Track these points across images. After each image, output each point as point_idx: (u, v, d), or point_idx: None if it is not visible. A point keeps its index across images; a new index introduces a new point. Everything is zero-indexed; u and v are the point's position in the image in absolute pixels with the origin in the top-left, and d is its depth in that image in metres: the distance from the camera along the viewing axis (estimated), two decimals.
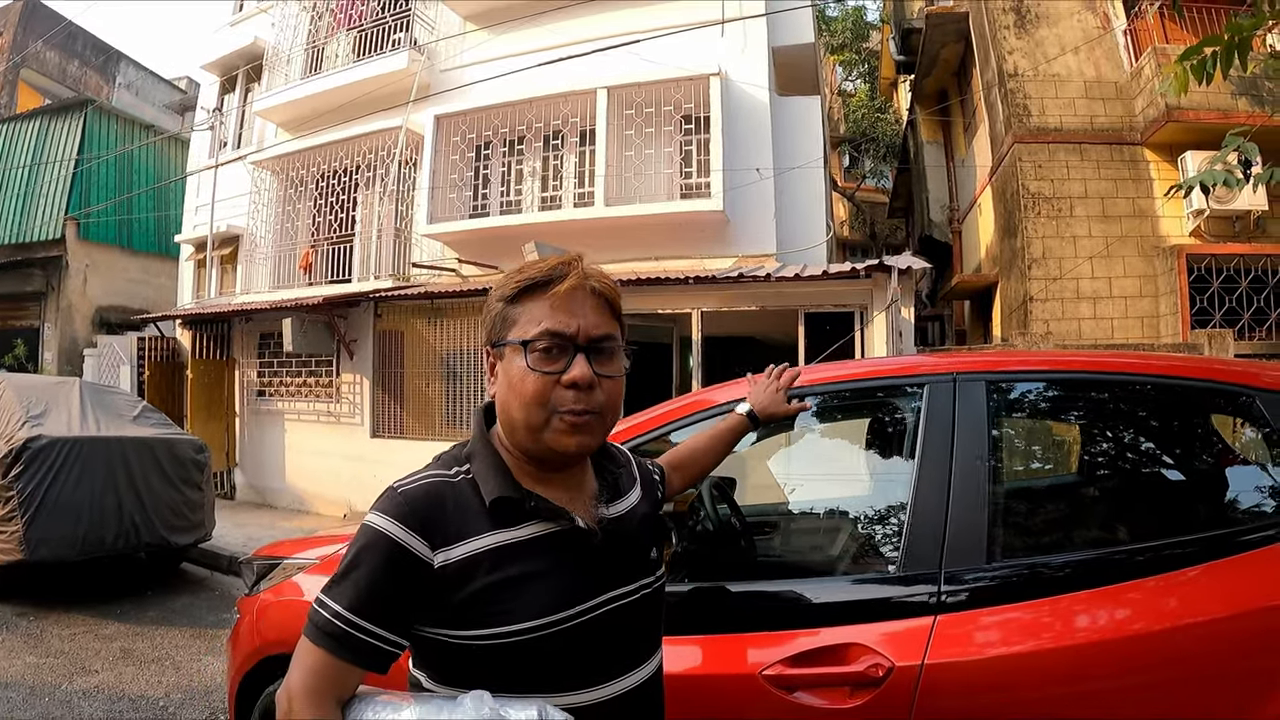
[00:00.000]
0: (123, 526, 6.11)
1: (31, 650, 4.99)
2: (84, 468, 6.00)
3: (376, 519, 1.05)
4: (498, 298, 1.16)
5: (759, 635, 1.81)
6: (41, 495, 5.73)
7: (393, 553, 1.02)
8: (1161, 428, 2.17)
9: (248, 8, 13.54)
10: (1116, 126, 9.44)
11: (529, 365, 1.09)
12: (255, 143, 12.43)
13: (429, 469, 1.14)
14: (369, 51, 10.92)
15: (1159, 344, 8.37)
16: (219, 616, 5.92)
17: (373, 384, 9.73)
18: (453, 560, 1.04)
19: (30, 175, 15.61)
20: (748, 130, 8.81)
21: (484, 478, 1.11)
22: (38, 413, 6.32)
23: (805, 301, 7.70)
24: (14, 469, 5.71)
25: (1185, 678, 1.58)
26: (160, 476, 6.48)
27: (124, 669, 4.76)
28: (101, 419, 6.64)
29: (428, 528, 1.04)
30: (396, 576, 1.02)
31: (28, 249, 15.37)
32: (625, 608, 1.16)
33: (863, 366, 2.64)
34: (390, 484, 1.11)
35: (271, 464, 10.74)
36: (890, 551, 1.95)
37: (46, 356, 15.20)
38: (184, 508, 6.62)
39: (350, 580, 1.03)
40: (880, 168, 20.42)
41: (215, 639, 5.38)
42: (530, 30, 9.71)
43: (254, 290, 11.52)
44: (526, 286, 1.13)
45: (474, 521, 1.07)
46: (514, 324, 1.12)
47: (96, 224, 15.27)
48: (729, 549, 2.24)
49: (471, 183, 10.06)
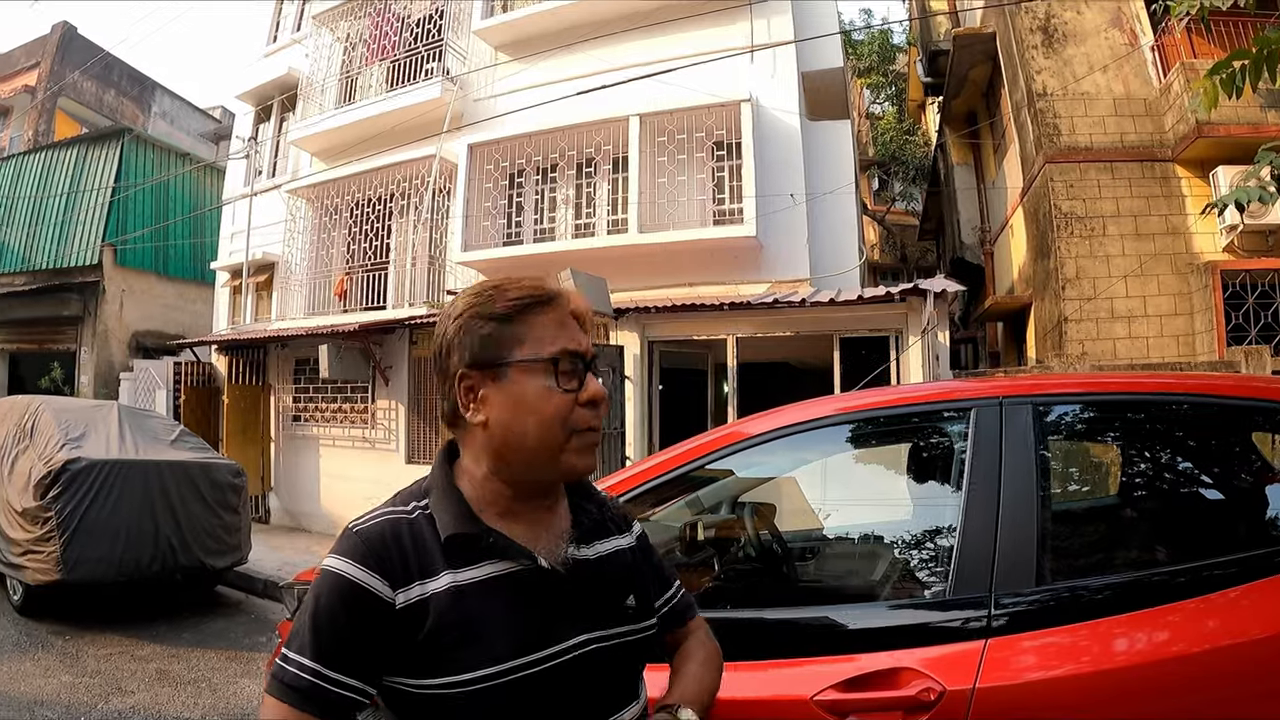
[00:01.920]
0: (159, 549, 6.18)
1: (67, 670, 5.03)
2: (122, 490, 6.07)
3: (334, 561, 0.99)
4: (483, 315, 1.07)
5: (808, 660, 1.80)
6: (79, 517, 5.81)
7: (353, 594, 0.97)
8: (1203, 447, 2.16)
9: (282, 39, 13.83)
10: (1147, 143, 9.35)
11: (556, 384, 1.05)
12: (290, 171, 12.64)
13: (385, 506, 1.08)
14: (402, 82, 11.08)
15: (1195, 362, 8.27)
16: (255, 639, 5.97)
17: (408, 410, 9.82)
18: (411, 600, 0.98)
19: (68, 202, 15.90)
20: (779, 155, 8.84)
21: (440, 513, 1.05)
22: (76, 435, 6.43)
23: (840, 327, 7.70)
24: (52, 490, 5.81)
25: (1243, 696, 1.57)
26: (197, 500, 6.55)
27: (160, 690, 4.79)
28: (140, 442, 6.73)
29: (386, 567, 0.99)
30: (359, 620, 0.97)
31: (65, 274, 15.62)
32: (595, 654, 1.08)
33: (906, 392, 2.65)
34: (347, 524, 1.06)
35: (306, 489, 10.84)
36: (938, 576, 1.95)
37: (83, 380, 15.42)
38: (220, 531, 6.70)
39: (311, 629, 0.97)
40: (910, 190, 20.35)
41: (251, 661, 5.41)
42: (561, 59, 9.82)
43: (289, 317, 11.68)
44: (525, 305, 1.07)
45: (431, 560, 1.01)
46: (519, 343, 1.06)
47: (133, 250, 15.56)
48: (773, 575, 2.25)
49: (505, 210, 10.16)
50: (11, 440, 6.67)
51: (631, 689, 1.16)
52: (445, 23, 10.85)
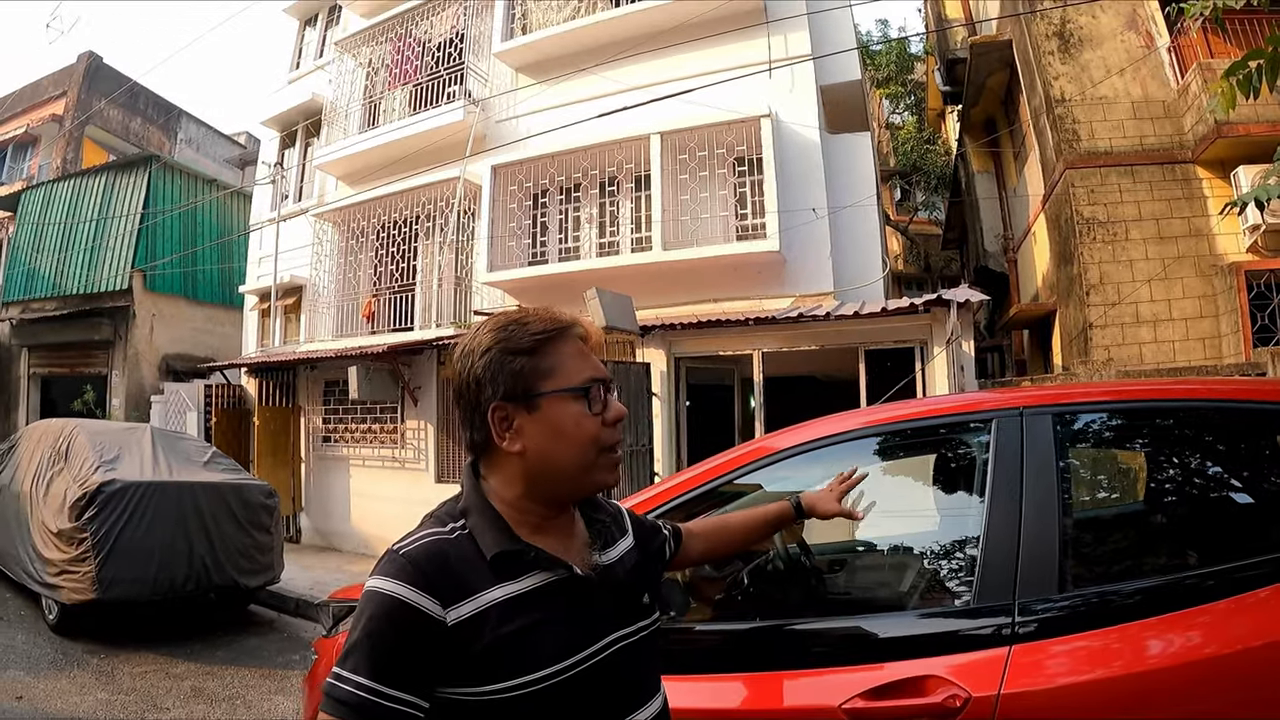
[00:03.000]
0: (193, 568, 6.26)
1: (103, 687, 5.09)
2: (156, 511, 6.15)
3: (382, 583, 1.04)
4: (510, 350, 1.14)
5: (835, 670, 1.84)
6: (114, 537, 5.89)
7: (405, 615, 1.02)
8: (1227, 451, 2.16)
9: (305, 65, 14.08)
10: (1166, 146, 9.32)
11: (589, 410, 1.14)
12: (316, 195, 12.80)
13: (424, 528, 1.13)
14: (425, 105, 11.22)
15: (1222, 365, 8.19)
16: (288, 657, 6.02)
17: (437, 429, 9.91)
18: (464, 617, 1.04)
19: (98, 229, 16.17)
20: (800, 169, 8.87)
21: (481, 533, 1.11)
22: (110, 457, 6.54)
23: (865, 339, 7.72)
24: (87, 511, 5.90)
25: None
26: (230, 520, 6.63)
27: (195, 707, 4.84)
28: (173, 464, 6.83)
29: (435, 586, 1.04)
30: (412, 638, 1.01)
31: (96, 299, 15.90)
32: (627, 649, 1.18)
33: (929, 405, 2.67)
34: (388, 547, 1.10)
35: (337, 508, 10.95)
36: (961, 584, 1.98)
37: (114, 403, 15.65)
38: (253, 551, 6.77)
39: (365, 648, 1.01)
40: (932, 200, 20.29)
41: (285, 679, 5.45)
42: (581, 79, 9.91)
43: (317, 339, 11.82)
44: (548, 338, 1.15)
45: (477, 577, 1.07)
46: (549, 374, 1.14)
47: (162, 275, 15.81)
48: (801, 587, 2.28)
49: (530, 230, 10.26)
50: (47, 462, 6.80)
51: (655, 681, 1.25)
52: (466, 46, 10.98)
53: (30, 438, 7.61)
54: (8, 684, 5.05)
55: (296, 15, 14.66)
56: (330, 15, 14.06)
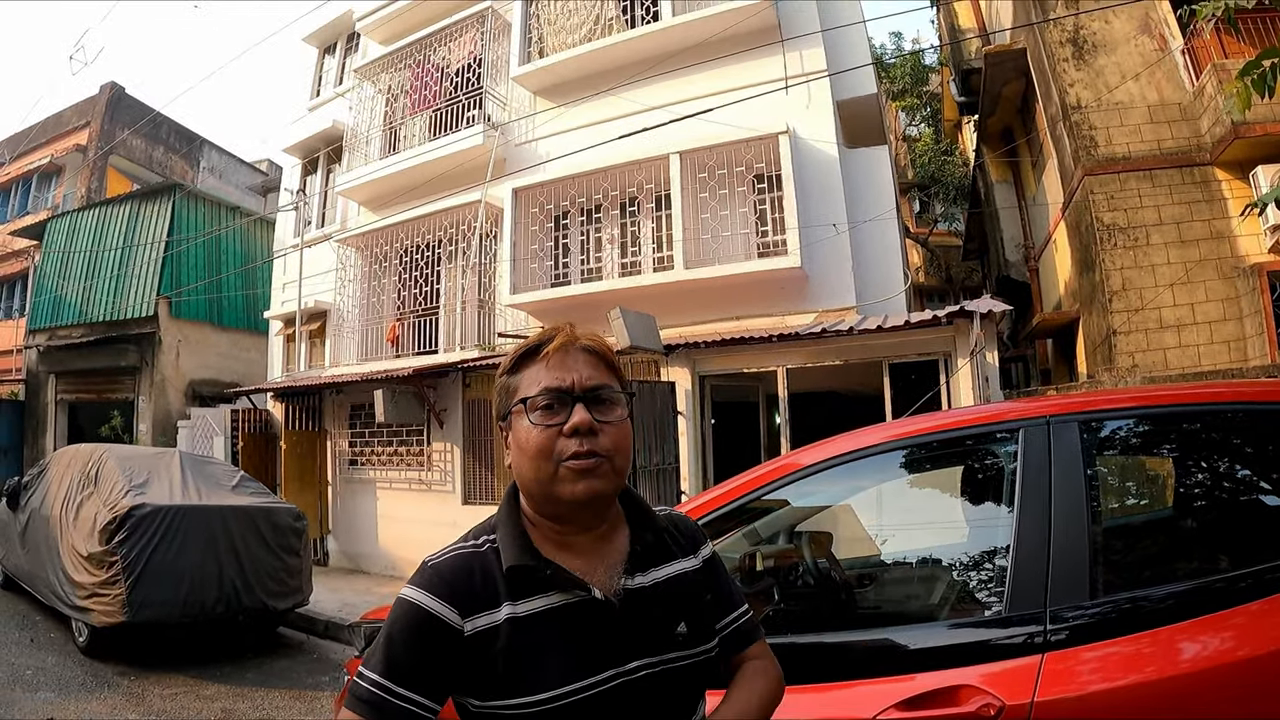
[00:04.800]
0: (223, 591, 6.31)
1: (134, 709, 5.12)
2: (186, 535, 6.21)
3: (409, 592, 1.11)
4: (500, 373, 1.23)
5: (869, 682, 1.85)
6: (144, 561, 5.94)
7: (424, 621, 1.08)
8: (1255, 454, 2.15)
9: (325, 93, 14.27)
10: (1184, 148, 9.25)
11: (531, 421, 1.14)
12: (339, 221, 12.94)
13: (460, 541, 1.20)
14: (444, 130, 11.33)
15: (1248, 367, 8.11)
16: (317, 679, 6.05)
17: (463, 451, 9.98)
18: (480, 628, 1.08)
19: (123, 256, 16.40)
20: (819, 185, 8.89)
21: (505, 546, 1.14)
22: (140, 482, 6.60)
23: (889, 353, 7.72)
24: (118, 535, 5.96)
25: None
26: (260, 543, 6.69)
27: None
28: (202, 488, 6.89)
29: (457, 597, 1.09)
30: (427, 642, 1.07)
31: (122, 325, 16.11)
32: (646, 680, 1.14)
33: (954, 417, 2.67)
34: (424, 558, 1.17)
35: (364, 531, 11.03)
36: (994, 594, 1.97)
37: (141, 428, 15.82)
38: (283, 573, 6.82)
39: (385, 650, 1.08)
40: (951, 211, 20.23)
41: (315, 700, 5.48)
42: (599, 101, 9.99)
43: (342, 363, 11.92)
44: (521, 357, 1.20)
45: (497, 590, 1.11)
46: (516, 391, 1.18)
47: (188, 302, 16.02)
48: (831, 601, 2.29)
49: (552, 252, 10.34)
50: (76, 487, 6.87)
51: (686, 713, 1.21)
52: (484, 71, 11.10)
53: (59, 462, 7.69)
54: (39, 706, 5.10)
55: (315, 43, 14.89)
56: (349, 43, 14.28)
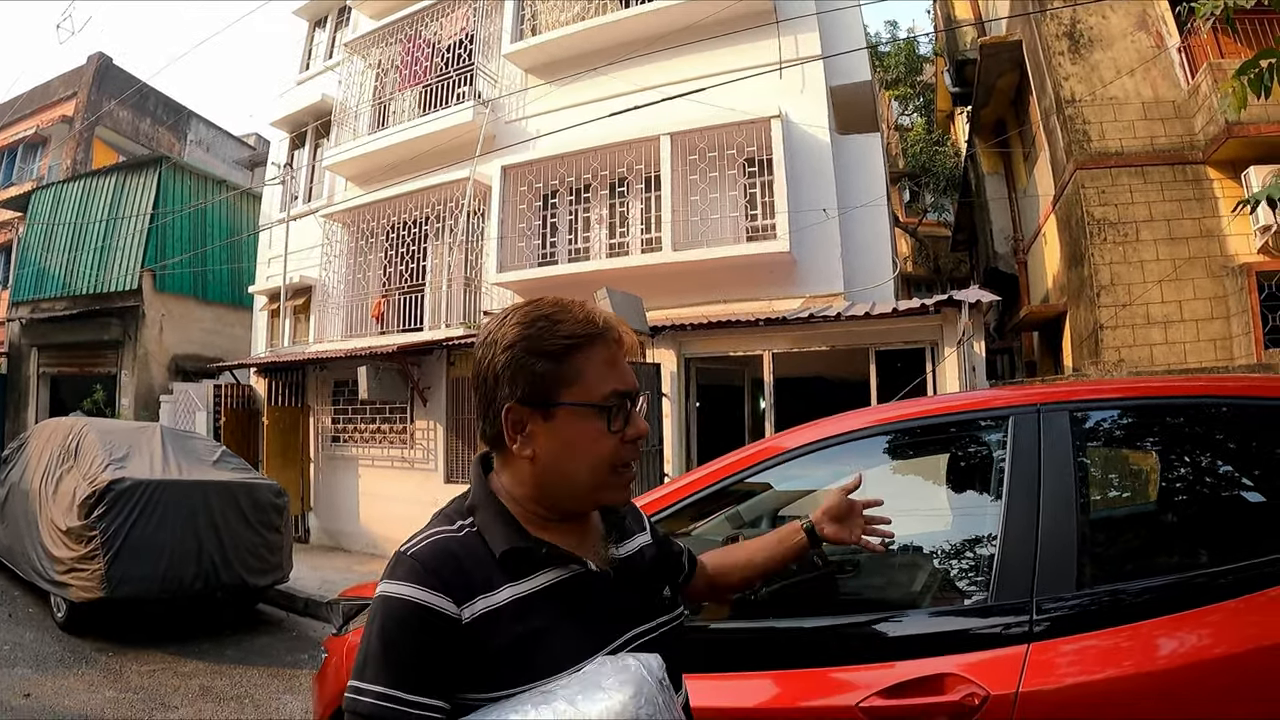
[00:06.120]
0: (202, 567, 6.25)
1: (111, 685, 5.08)
2: (165, 510, 6.16)
3: (392, 586, 0.99)
4: (534, 351, 1.06)
5: (852, 668, 1.83)
6: (124, 535, 5.90)
7: (418, 615, 0.97)
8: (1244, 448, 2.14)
9: (314, 66, 14.13)
10: (1177, 146, 9.27)
11: (608, 429, 1.07)
12: (325, 196, 12.81)
13: (431, 527, 1.08)
14: (434, 106, 11.23)
15: (1233, 366, 8.16)
16: (297, 656, 6.02)
17: (446, 430, 9.92)
18: (478, 614, 0.99)
19: (108, 229, 16.26)
20: (810, 170, 8.85)
21: (490, 530, 1.06)
22: (120, 456, 6.53)
23: (875, 340, 7.70)
24: (96, 509, 5.91)
25: None
26: (240, 519, 6.64)
27: (203, 705, 4.83)
28: (183, 463, 6.84)
29: (447, 584, 0.99)
30: (427, 639, 0.97)
31: (106, 299, 16.00)
32: (646, 646, 1.12)
33: (942, 402, 2.65)
34: (397, 549, 1.06)
35: (346, 508, 10.97)
36: (979, 583, 1.96)
37: (123, 402, 15.73)
38: (263, 550, 6.78)
39: (383, 657, 0.97)
40: (941, 201, 20.20)
41: (293, 678, 5.46)
42: (590, 80, 9.92)
43: (327, 339, 11.85)
44: (577, 343, 1.07)
45: (489, 574, 1.02)
46: (570, 383, 1.06)
47: (172, 275, 15.91)
48: (814, 586, 2.26)
49: (540, 231, 10.26)
50: (56, 460, 6.81)
51: (676, 679, 1.16)
52: (475, 47, 11.00)
53: (40, 436, 7.64)
54: (15, 681, 5.05)
55: (306, 16, 14.73)
56: (340, 16, 14.12)
